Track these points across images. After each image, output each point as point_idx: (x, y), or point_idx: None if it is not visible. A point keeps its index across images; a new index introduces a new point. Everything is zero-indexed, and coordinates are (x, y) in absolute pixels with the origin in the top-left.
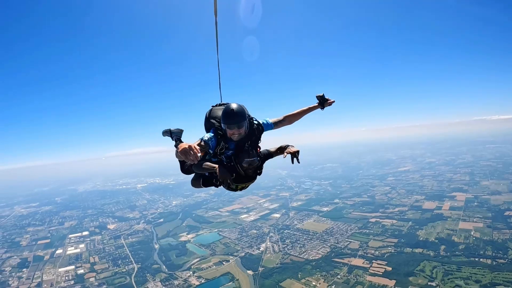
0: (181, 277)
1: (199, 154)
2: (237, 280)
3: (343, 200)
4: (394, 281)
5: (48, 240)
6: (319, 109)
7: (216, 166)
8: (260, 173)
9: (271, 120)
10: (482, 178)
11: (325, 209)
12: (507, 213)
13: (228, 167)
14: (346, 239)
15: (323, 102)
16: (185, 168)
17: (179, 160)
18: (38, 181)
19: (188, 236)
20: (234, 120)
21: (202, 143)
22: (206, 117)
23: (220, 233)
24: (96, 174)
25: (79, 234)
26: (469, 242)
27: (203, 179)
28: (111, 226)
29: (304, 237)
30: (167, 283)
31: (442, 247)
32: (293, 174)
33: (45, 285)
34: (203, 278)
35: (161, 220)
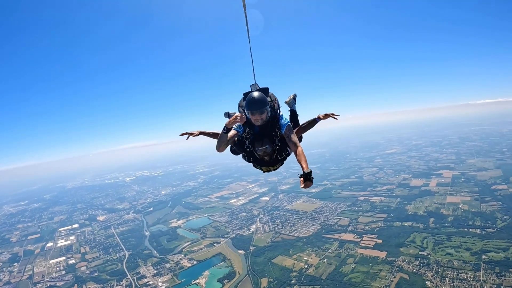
0: (173, 260)
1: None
2: (229, 259)
3: (332, 181)
4: (385, 253)
5: (38, 235)
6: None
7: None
8: (284, 158)
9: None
10: (468, 157)
11: (313, 190)
12: (494, 187)
13: (248, 151)
14: (336, 217)
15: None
16: (232, 149)
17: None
18: (26, 181)
19: (178, 222)
20: (254, 107)
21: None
22: (238, 106)
23: (210, 217)
24: (84, 171)
25: (69, 227)
26: (458, 214)
27: (243, 155)
28: (101, 218)
29: (294, 217)
30: (158, 266)
31: (431, 219)
32: None
33: (37, 277)
34: (195, 260)
35: (151, 209)
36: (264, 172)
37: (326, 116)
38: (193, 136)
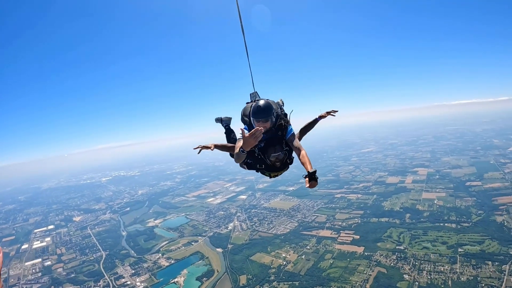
0: (151, 260)
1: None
2: (207, 258)
3: None
4: (362, 248)
5: (13, 237)
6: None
7: (240, 144)
8: (291, 162)
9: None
10: (443, 155)
11: (290, 188)
12: (468, 183)
13: (258, 159)
14: (313, 214)
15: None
16: (232, 155)
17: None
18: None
19: (156, 221)
20: (260, 115)
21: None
22: (241, 114)
23: (187, 216)
24: (59, 171)
25: (45, 228)
26: (433, 210)
27: (247, 164)
28: (77, 219)
29: (272, 214)
30: (136, 266)
31: (407, 215)
32: None
33: (12, 280)
34: (173, 259)
35: (128, 209)
36: (271, 178)
37: (325, 115)
38: (210, 150)
